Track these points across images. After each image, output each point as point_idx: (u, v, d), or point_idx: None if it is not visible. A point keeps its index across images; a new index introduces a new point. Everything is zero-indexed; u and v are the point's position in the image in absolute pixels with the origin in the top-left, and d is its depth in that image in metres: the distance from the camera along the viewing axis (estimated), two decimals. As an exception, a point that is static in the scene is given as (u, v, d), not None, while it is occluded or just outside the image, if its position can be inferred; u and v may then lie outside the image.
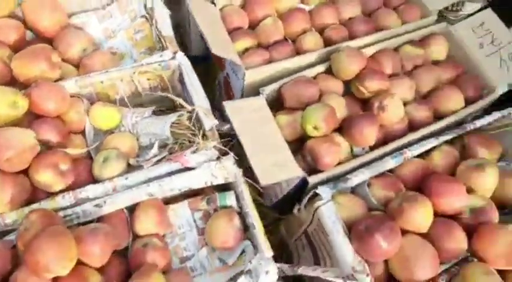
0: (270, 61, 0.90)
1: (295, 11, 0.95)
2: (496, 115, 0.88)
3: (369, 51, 0.93)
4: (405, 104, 0.90)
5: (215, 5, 0.93)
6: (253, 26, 0.97)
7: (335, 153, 0.76)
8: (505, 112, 0.88)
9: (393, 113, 0.81)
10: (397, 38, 0.95)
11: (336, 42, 0.93)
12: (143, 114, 0.83)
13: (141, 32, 0.91)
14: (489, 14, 0.97)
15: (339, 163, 0.80)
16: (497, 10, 0.97)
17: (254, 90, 0.87)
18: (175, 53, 0.84)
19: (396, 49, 0.97)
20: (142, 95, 0.87)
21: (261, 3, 0.95)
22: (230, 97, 1.01)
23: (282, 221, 0.96)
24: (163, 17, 0.87)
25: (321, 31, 0.97)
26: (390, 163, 0.78)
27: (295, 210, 0.81)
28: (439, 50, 0.97)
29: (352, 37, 0.97)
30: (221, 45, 0.83)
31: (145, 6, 0.91)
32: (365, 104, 0.86)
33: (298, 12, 0.95)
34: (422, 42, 0.98)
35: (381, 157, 0.80)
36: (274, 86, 0.85)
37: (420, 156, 0.83)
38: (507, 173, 0.83)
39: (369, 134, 0.78)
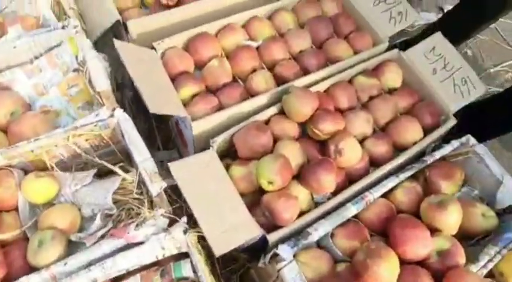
0: (219, 107, 0.84)
1: (242, 49, 0.90)
2: (455, 144, 0.86)
3: (322, 86, 0.89)
4: (364, 139, 0.88)
5: (155, 50, 0.86)
6: (199, 67, 0.92)
7: (293, 207, 0.72)
8: (463, 139, 0.87)
9: (351, 156, 0.78)
10: (350, 70, 0.92)
11: (288, 80, 0.89)
12: (84, 180, 0.75)
13: (76, 86, 0.84)
14: (439, 38, 0.95)
15: (301, 213, 0.75)
16: (445, 29, 0.96)
17: (205, 140, 0.82)
18: (113, 110, 0.77)
19: (350, 80, 0.94)
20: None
21: (206, 43, 0.89)
22: (184, 143, 0.95)
23: (253, 265, 0.91)
24: (97, 70, 0.80)
25: (272, 67, 0.93)
26: (352, 210, 0.75)
27: (260, 264, 0.76)
28: (393, 77, 0.95)
29: (304, 71, 0.93)
30: (162, 98, 0.77)
31: (76, 58, 0.83)
32: (323, 144, 0.83)
33: (246, 50, 0.90)
34: (376, 71, 0.95)
35: (343, 203, 0.77)
36: (225, 136, 0.79)
37: (383, 195, 0.80)
38: (470, 203, 0.82)
39: (327, 181, 0.74)
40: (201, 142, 0.85)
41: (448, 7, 1.69)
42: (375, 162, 0.87)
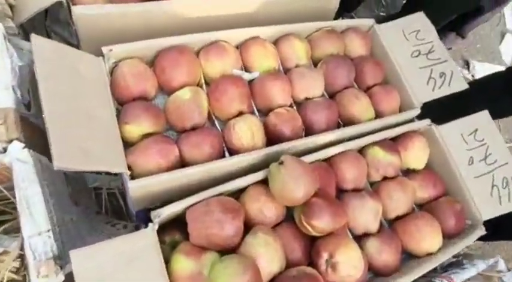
0: (177, 163, 0.59)
1: (229, 81, 0.64)
2: (480, 266, 0.65)
3: (326, 153, 0.65)
4: (364, 235, 0.65)
5: (104, 59, 0.59)
6: (165, 93, 0.66)
7: None
8: (491, 262, 0.66)
9: (347, 273, 0.55)
10: (367, 137, 0.69)
11: (283, 137, 0.65)
12: None
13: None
14: (486, 120, 0.73)
15: None
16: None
17: (151, 201, 0.56)
18: (9, 141, 0.50)
19: (361, 150, 0.71)
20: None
21: (180, 62, 0.62)
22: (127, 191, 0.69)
23: None
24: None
25: (265, 113, 0.68)
26: None
27: None
28: (418, 157, 0.73)
29: (307, 127, 0.69)
30: (87, 139, 0.51)
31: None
32: (312, 240, 0.59)
33: (234, 83, 0.64)
34: (397, 144, 0.72)
35: None
36: (175, 208, 0.54)
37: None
38: None
39: (308, 311, 0.51)
40: (143, 202, 0.60)
41: (475, 63, 1.50)
42: (373, 270, 0.64)
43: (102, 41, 0.59)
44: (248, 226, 0.57)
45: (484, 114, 0.73)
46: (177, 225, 0.58)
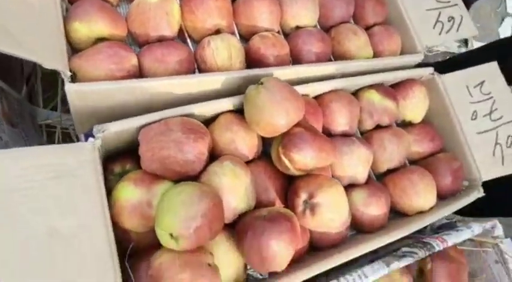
0: (134, 73, 0.48)
1: (208, -7, 0.54)
2: (476, 229, 0.58)
3: (315, 89, 0.56)
4: (351, 186, 0.56)
5: None
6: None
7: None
8: (488, 226, 0.59)
9: (329, 218, 0.46)
10: (363, 78, 0.60)
11: (266, 62, 0.55)
12: None
13: None
14: (494, 72, 0.65)
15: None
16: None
17: (98, 119, 0.45)
18: None
19: (356, 93, 0.62)
20: None
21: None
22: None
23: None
24: None
25: (248, 36, 0.58)
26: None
27: None
28: (416, 108, 0.64)
29: (294, 58, 0.59)
30: (23, 26, 0.39)
31: None
32: (291, 180, 0.50)
33: (213, -4, 0.54)
34: (396, 91, 0.64)
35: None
36: (124, 126, 0.44)
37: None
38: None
39: (278, 256, 0.41)
40: (89, 121, 0.49)
41: (473, 42, 1.43)
42: (357, 225, 0.56)
43: None
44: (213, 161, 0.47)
45: (493, 66, 0.65)
46: (131, 155, 0.48)
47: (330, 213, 0.45)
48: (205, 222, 0.38)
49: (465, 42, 1.45)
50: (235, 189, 0.43)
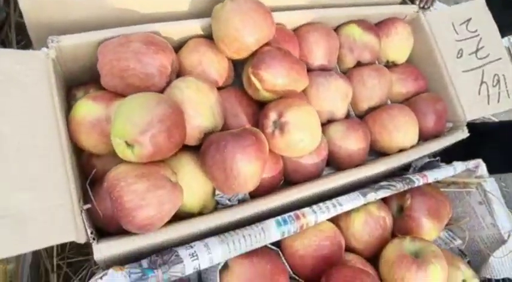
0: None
1: None
2: (458, 168, 0.55)
3: (292, 18, 0.53)
4: (329, 122, 0.54)
5: None
6: None
7: (161, 201, 0.36)
8: (471, 165, 0.56)
9: (299, 138, 0.43)
10: (344, 10, 0.57)
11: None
12: None
13: None
14: (481, 9, 0.63)
15: (181, 216, 0.40)
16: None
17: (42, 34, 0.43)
18: None
19: (337, 28, 0.59)
20: None
21: None
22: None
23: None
24: None
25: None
26: (272, 232, 0.41)
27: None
28: (400, 46, 0.61)
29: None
30: None
31: None
32: (263, 106, 0.47)
33: None
34: (378, 27, 0.61)
35: (262, 217, 0.43)
36: (82, 39, 0.41)
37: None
38: (452, 260, 0.52)
39: (244, 173, 0.39)
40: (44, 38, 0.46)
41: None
42: (335, 163, 0.54)
43: None
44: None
45: (480, 2, 0.62)
46: (95, 82, 0.46)
47: (300, 132, 0.43)
48: (164, 128, 0.36)
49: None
50: (199, 103, 0.41)
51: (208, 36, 0.48)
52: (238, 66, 0.50)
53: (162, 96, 0.38)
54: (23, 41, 0.76)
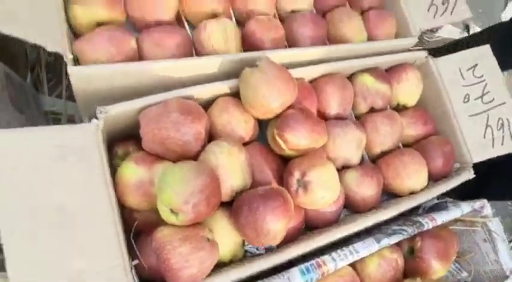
0: (132, 56, 0.50)
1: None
2: (465, 208, 0.60)
3: (310, 72, 0.58)
4: (344, 167, 0.58)
5: None
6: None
7: (202, 260, 0.41)
8: (477, 205, 0.61)
9: (321, 196, 0.48)
10: (357, 61, 0.61)
11: (261, 46, 0.56)
12: None
13: None
14: (487, 55, 0.66)
15: (217, 264, 0.45)
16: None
17: (99, 102, 0.47)
18: None
19: (350, 77, 0.63)
20: None
21: None
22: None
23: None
24: None
25: (243, 21, 0.59)
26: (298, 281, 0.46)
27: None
28: (410, 91, 0.65)
29: (289, 42, 0.61)
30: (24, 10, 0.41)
31: None
32: (285, 161, 0.52)
33: (210, -20, 0.55)
34: (390, 74, 0.65)
35: (287, 265, 0.47)
36: (126, 108, 0.45)
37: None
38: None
39: (272, 230, 0.44)
40: (90, 104, 0.51)
41: (475, 28, 1.43)
42: (351, 206, 0.58)
43: None
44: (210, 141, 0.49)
45: (486, 48, 0.66)
46: (134, 138, 0.50)
47: (322, 190, 0.47)
48: (203, 198, 0.41)
49: (467, 27, 1.44)
50: (231, 166, 0.45)
51: (234, 95, 0.52)
52: (262, 121, 0.55)
53: (200, 166, 0.42)
54: (53, 79, 0.80)
